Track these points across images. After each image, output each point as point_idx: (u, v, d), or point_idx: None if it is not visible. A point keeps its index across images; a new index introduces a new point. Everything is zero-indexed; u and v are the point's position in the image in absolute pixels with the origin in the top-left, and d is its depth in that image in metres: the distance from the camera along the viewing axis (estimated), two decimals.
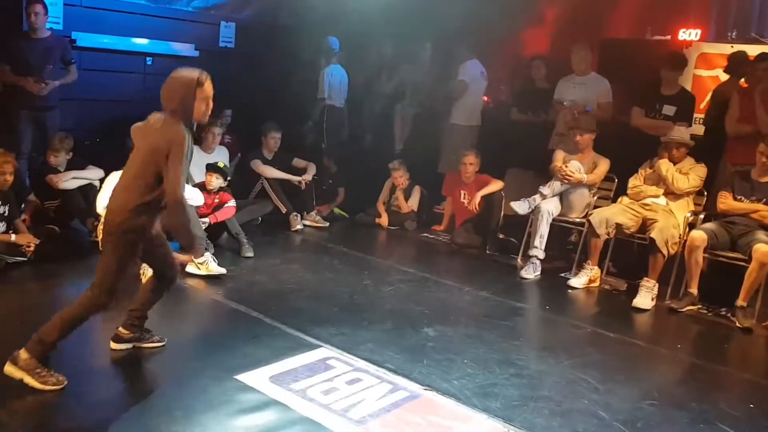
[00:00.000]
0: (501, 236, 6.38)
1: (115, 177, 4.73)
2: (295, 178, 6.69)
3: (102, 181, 5.15)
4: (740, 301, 4.72)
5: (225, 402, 2.96)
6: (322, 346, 3.65)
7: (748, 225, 4.92)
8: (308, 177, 6.77)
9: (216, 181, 5.51)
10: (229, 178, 5.91)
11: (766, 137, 5.06)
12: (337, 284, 4.88)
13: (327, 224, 6.76)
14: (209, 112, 3.13)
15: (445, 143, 7.33)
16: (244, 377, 3.19)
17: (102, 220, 4.61)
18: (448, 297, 4.88)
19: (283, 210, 6.48)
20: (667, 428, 3.10)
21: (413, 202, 7.01)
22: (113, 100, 6.65)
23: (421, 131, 7.71)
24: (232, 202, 5.53)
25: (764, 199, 4.95)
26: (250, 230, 5.93)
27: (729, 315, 4.86)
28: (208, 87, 3.06)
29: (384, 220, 6.96)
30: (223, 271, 4.73)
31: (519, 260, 5.90)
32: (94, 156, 5.74)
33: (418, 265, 5.59)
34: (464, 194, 6.47)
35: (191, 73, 3.04)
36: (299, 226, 6.46)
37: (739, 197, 5.05)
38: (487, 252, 6.21)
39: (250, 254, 5.35)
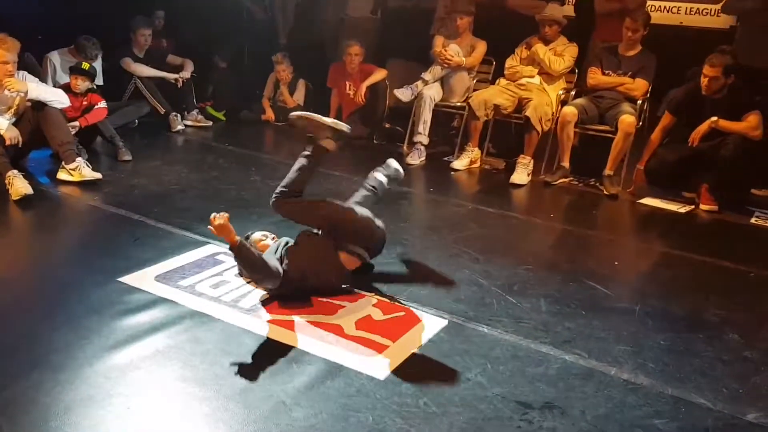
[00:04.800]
0: (387, 125, 6.43)
1: None
2: (170, 76, 6.37)
3: None
4: (607, 170, 5.06)
5: (109, 304, 2.88)
6: (209, 243, 3.62)
7: (615, 98, 5.19)
8: (186, 74, 6.46)
9: (83, 84, 5.15)
10: (100, 84, 5.60)
11: (632, 12, 5.26)
12: (223, 182, 4.80)
13: (210, 123, 6.55)
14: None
15: (340, 36, 6.98)
16: (128, 279, 3.12)
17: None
18: (337, 188, 4.89)
19: (161, 110, 6.19)
20: (540, 288, 3.33)
21: (299, 96, 6.87)
22: None
23: (304, 23, 7.43)
24: (102, 104, 5.22)
25: (630, 73, 5.20)
26: (127, 133, 5.65)
27: (597, 184, 5.20)
28: None
29: (270, 115, 6.81)
30: (98, 176, 4.50)
31: (405, 147, 5.98)
32: None
33: None
34: (349, 85, 6.40)
35: None
36: (180, 127, 6.22)
37: (607, 72, 5.28)
38: (375, 142, 6.26)
39: (128, 157, 5.12)
